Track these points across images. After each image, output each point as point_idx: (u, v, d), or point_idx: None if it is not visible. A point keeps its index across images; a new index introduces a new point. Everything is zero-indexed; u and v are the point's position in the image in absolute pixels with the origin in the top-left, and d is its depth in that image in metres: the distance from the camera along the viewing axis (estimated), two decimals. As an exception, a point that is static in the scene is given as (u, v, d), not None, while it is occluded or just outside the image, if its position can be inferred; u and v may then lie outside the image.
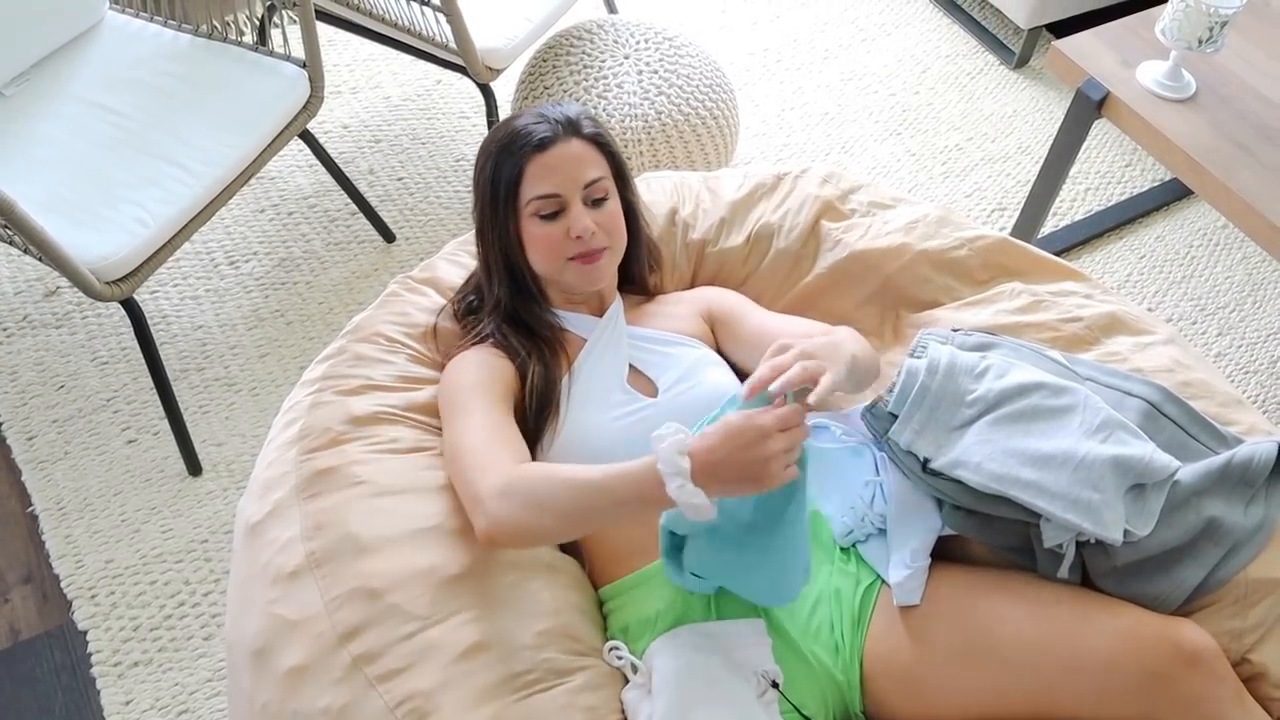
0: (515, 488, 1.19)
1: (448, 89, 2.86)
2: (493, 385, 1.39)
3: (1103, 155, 2.79)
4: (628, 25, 2.50)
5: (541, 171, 1.41)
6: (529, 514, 1.18)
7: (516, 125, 1.44)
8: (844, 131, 2.82)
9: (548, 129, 1.42)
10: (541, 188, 1.42)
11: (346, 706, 1.17)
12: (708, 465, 1.09)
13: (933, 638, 1.30)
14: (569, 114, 1.45)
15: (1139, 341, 1.51)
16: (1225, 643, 1.23)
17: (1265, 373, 2.36)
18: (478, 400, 1.36)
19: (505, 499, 1.19)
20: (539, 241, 1.44)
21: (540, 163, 1.41)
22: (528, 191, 1.42)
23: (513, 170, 1.42)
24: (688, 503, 1.08)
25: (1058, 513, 1.24)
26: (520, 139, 1.42)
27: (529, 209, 1.43)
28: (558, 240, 1.43)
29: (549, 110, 1.45)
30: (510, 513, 1.19)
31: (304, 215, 2.54)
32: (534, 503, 1.18)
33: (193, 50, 2.12)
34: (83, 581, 1.95)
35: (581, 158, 1.43)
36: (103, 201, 1.86)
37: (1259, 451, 1.29)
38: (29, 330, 2.30)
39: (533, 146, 1.41)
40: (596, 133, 1.46)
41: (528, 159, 1.41)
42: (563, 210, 1.43)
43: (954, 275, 1.62)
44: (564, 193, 1.42)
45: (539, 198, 1.42)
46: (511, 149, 1.42)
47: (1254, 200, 1.85)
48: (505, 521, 1.19)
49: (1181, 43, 1.95)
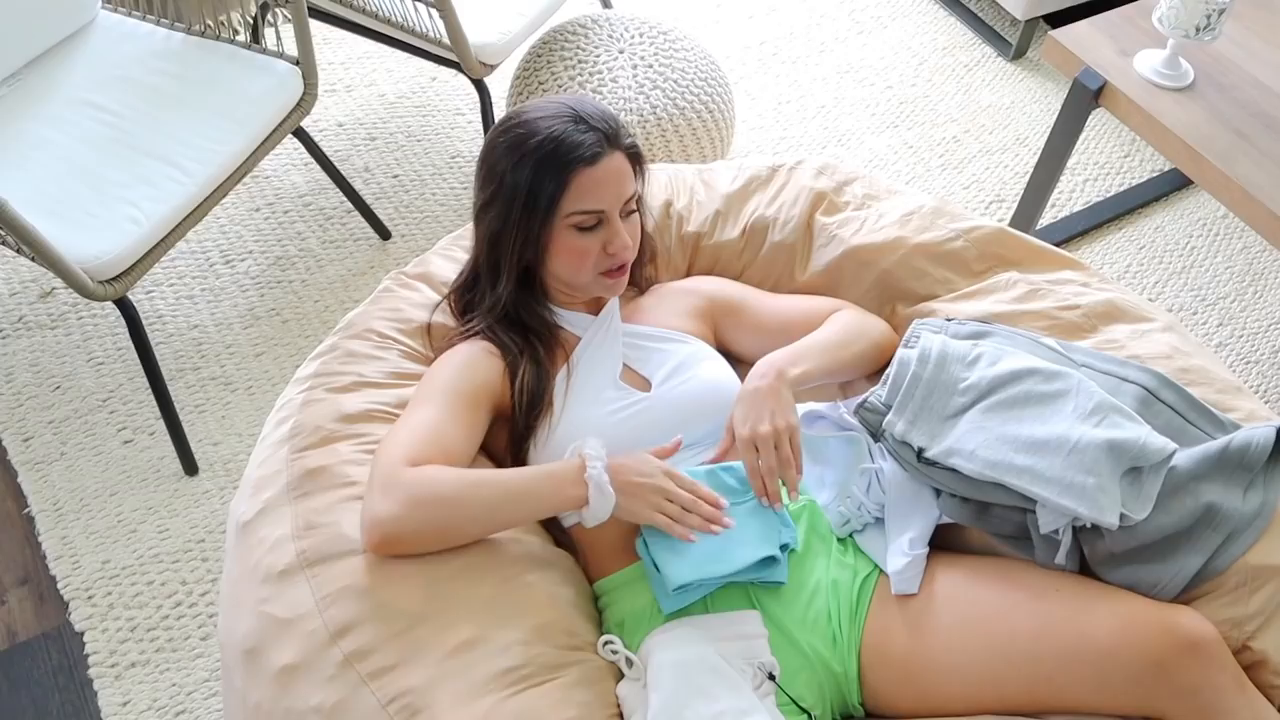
0: (403, 484, 1.22)
1: (443, 86, 2.85)
2: (465, 386, 1.38)
3: (1101, 146, 2.78)
4: (622, 19, 2.49)
5: (589, 186, 1.37)
6: (410, 510, 1.22)
7: (557, 132, 1.37)
8: (841, 124, 2.81)
9: (596, 141, 1.37)
10: (587, 203, 1.38)
11: (339, 704, 1.16)
12: (615, 465, 1.29)
13: (931, 627, 1.29)
14: (610, 120, 1.40)
15: (1137, 329, 1.50)
16: (1225, 630, 1.22)
17: (1267, 362, 2.35)
18: (438, 397, 1.36)
19: (389, 496, 1.22)
20: (572, 253, 1.42)
21: (589, 177, 1.37)
22: (571, 205, 1.38)
23: (557, 183, 1.37)
24: (598, 483, 1.25)
25: (1052, 498, 1.24)
26: (567, 149, 1.36)
27: (568, 221, 1.39)
28: (593, 253, 1.41)
29: (585, 112, 1.39)
30: (390, 510, 1.21)
31: (299, 213, 2.54)
32: (414, 500, 1.22)
33: (186, 49, 2.11)
34: (79, 582, 1.94)
35: (624, 172, 1.40)
36: (96, 200, 1.85)
37: (1257, 436, 1.28)
38: (24, 331, 2.30)
39: (583, 160, 1.36)
40: (632, 143, 1.43)
41: (575, 172, 1.36)
42: (599, 224, 1.41)
43: (950, 268, 1.60)
44: (608, 209, 1.40)
45: (583, 212, 1.39)
46: (556, 160, 1.36)
47: (1254, 189, 1.84)
48: (384, 519, 1.21)
49: (1179, 31, 1.94)
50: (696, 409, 1.44)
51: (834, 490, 1.45)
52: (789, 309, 1.58)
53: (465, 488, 1.24)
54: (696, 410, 1.44)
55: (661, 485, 1.28)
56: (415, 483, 1.23)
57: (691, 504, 1.28)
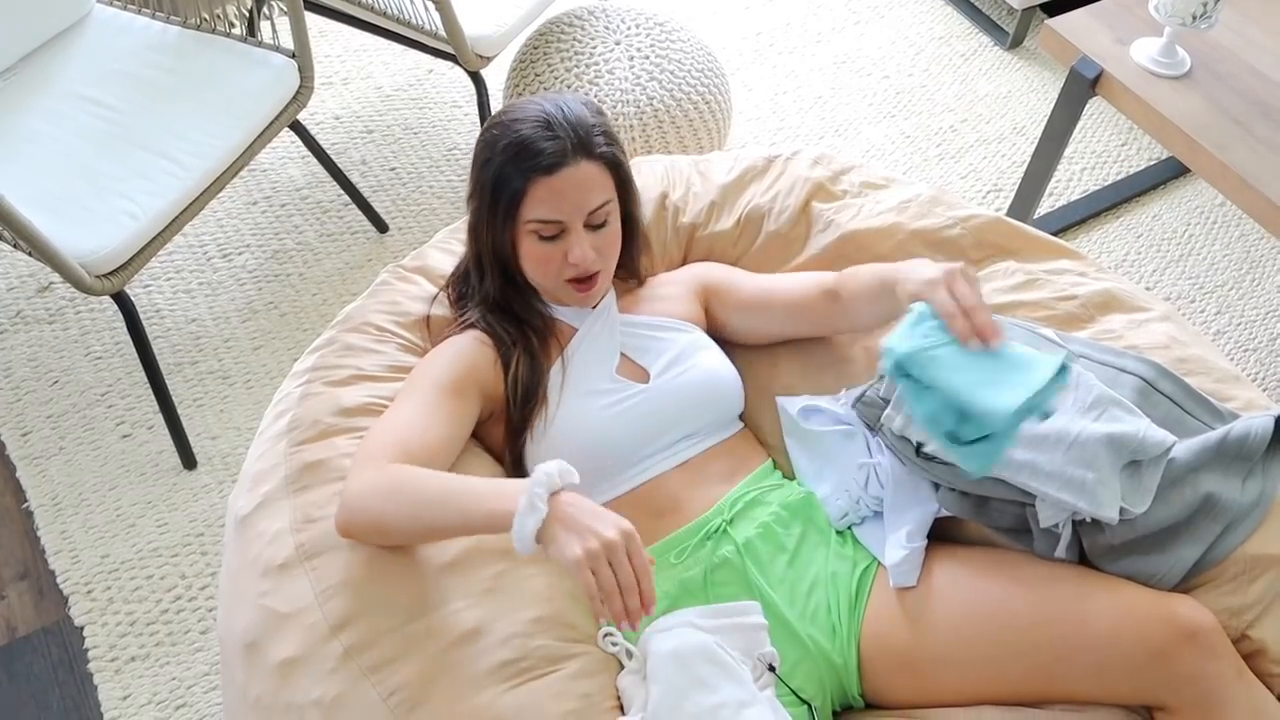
0: (380, 484, 1.19)
1: (439, 78, 2.85)
2: (453, 377, 1.37)
3: (1098, 135, 2.78)
4: (618, 11, 2.49)
5: (546, 195, 1.34)
6: (378, 505, 1.18)
7: (524, 134, 1.34)
8: (837, 115, 2.81)
9: (556, 150, 1.32)
10: (543, 212, 1.35)
11: (339, 697, 1.16)
12: (570, 498, 1.08)
13: (930, 619, 1.29)
14: (581, 128, 1.35)
15: (1134, 319, 1.50)
16: (1225, 619, 1.22)
17: (1265, 350, 2.35)
18: (423, 389, 1.34)
19: (365, 495, 1.19)
20: (536, 260, 1.40)
21: (546, 186, 1.34)
22: (529, 213, 1.36)
23: (516, 187, 1.35)
24: (532, 494, 1.06)
25: (1052, 492, 1.24)
26: (527, 155, 1.33)
27: (528, 227, 1.38)
28: (555, 261, 1.39)
29: (559, 117, 1.35)
30: (370, 506, 1.19)
31: (296, 207, 2.53)
32: (384, 496, 1.18)
33: (181, 42, 2.10)
34: (79, 577, 1.95)
35: (589, 183, 1.36)
36: (92, 195, 1.85)
37: (1255, 426, 1.28)
38: (22, 326, 2.30)
39: (540, 169, 1.33)
40: (607, 150, 1.37)
41: (532, 180, 1.33)
42: (562, 233, 1.38)
43: (948, 255, 1.60)
44: (566, 220, 1.37)
45: (540, 221, 1.36)
46: (517, 163, 1.34)
47: (1251, 177, 1.84)
48: (361, 513, 1.20)
49: (1175, 19, 1.93)
50: (696, 399, 1.44)
51: (833, 483, 1.45)
52: (770, 283, 1.55)
53: (411, 480, 1.19)
54: (696, 400, 1.44)
55: (610, 541, 1.04)
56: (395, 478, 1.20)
57: (628, 586, 1.05)
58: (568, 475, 1.10)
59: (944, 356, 1.17)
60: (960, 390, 1.15)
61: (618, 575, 1.04)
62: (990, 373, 1.16)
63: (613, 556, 1.04)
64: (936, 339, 1.18)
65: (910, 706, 1.32)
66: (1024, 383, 1.14)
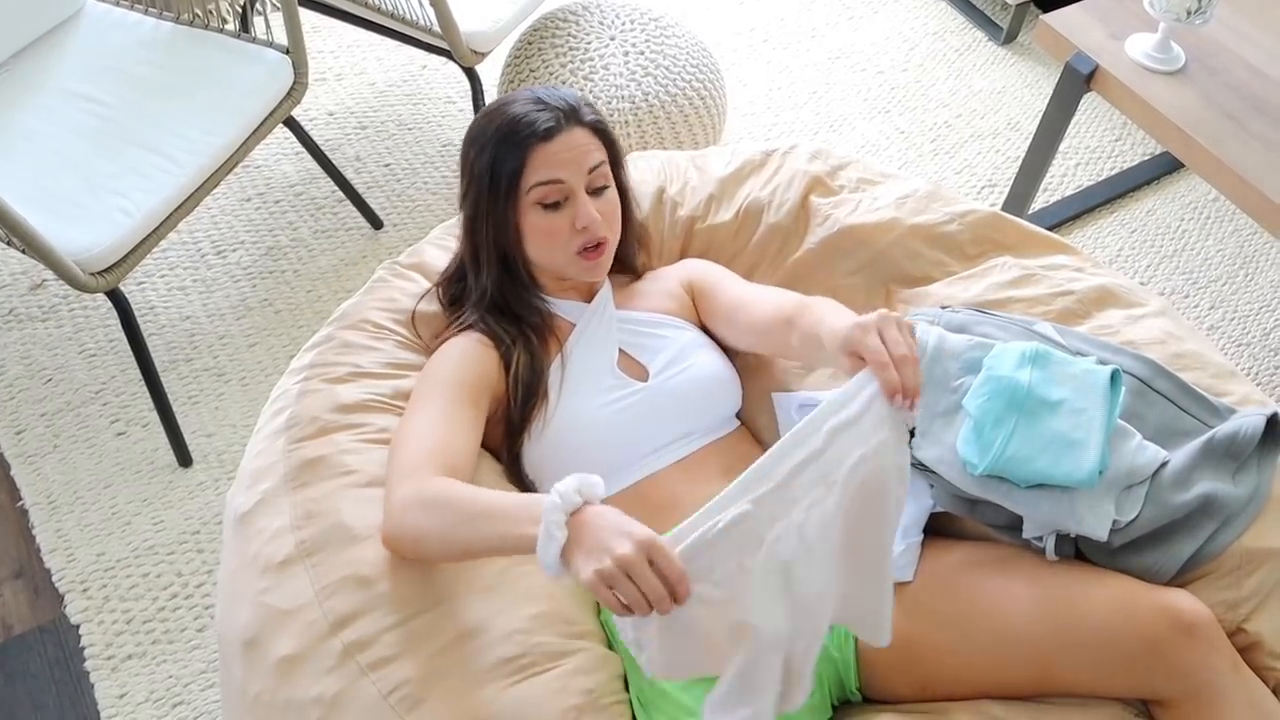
0: (423, 498, 1.17)
1: (433, 74, 2.84)
2: (465, 381, 1.36)
3: (1092, 130, 2.78)
4: (613, 6, 2.49)
5: (546, 159, 1.38)
6: (420, 519, 1.16)
7: (515, 112, 1.39)
8: (832, 110, 2.81)
9: (551, 117, 1.38)
10: (545, 174, 1.38)
11: (339, 695, 1.16)
12: (592, 512, 1.03)
13: (926, 613, 1.30)
14: (569, 100, 1.41)
15: (1130, 314, 1.50)
16: (1221, 613, 1.23)
17: (1258, 345, 2.36)
18: (441, 394, 1.34)
19: (409, 508, 1.18)
20: (541, 233, 1.41)
21: (545, 151, 1.37)
22: (530, 179, 1.38)
23: (515, 160, 1.37)
24: (549, 520, 1.01)
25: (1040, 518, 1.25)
26: (523, 127, 1.38)
27: (531, 197, 1.39)
28: (562, 232, 1.41)
29: (546, 95, 1.41)
30: (410, 521, 1.17)
31: (291, 203, 2.53)
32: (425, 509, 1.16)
33: (174, 38, 2.10)
34: (74, 575, 1.94)
35: (585, 145, 1.40)
36: (86, 192, 1.84)
37: (1244, 426, 1.29)
38: (15, 324, 2.29)
39: (538, 136, 1.37)
40: (596, 120, 1.43)
41: (532, 148, 1.37)
42: (565, 200, 1.40)
43: (945, 250, 1.61)
44: (569, 179, 1.39)
45: (543, 184, 1.38)
46: (514, 138, 1.38)
47: (1245, 172, 1.84)
48: (404, 529, 1.18)
49: (1170, 14, 1.93)
50: (695, 398, 1.44)
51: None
52: (744, 299, 1.49)
53: (452, 497, 1.16)
54: (695, 399, 1.44)
55: (622, 557, 0.97)
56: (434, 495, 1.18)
57: (656, 597, 0.98)
58: (589, 490, 1.04)
59: (1014, 452, 1.26)
60: (1045, 474, 1.26)
61: (641, 588, 0.98)
62: (1057, 431, 1.26)
63: (631, 571, 0.97)
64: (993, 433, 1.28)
65: (908, 700, 1.32)
66: (1089, 422, 1.26)
